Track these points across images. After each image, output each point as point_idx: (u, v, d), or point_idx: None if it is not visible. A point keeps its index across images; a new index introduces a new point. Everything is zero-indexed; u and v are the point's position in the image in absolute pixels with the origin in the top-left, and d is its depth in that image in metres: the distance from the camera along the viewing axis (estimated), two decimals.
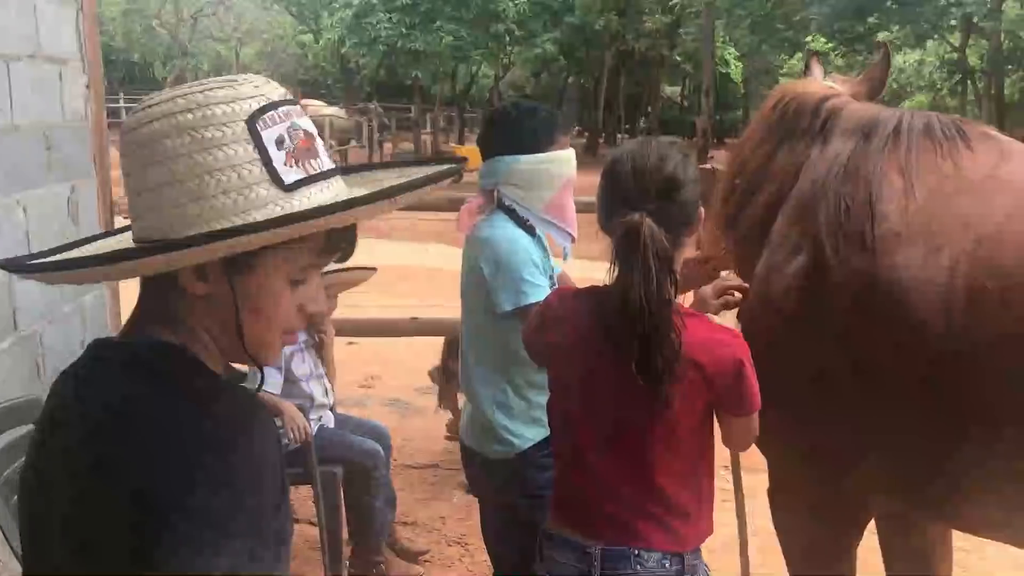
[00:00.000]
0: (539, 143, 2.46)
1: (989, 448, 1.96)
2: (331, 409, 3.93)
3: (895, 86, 37.64)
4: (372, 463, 3.73)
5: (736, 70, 40.41)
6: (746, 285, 2.36)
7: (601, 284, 1.88)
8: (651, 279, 1.73)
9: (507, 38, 27.24)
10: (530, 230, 2.51)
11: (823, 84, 2.64)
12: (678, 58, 34.99)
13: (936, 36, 17.77)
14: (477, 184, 2.57)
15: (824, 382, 2.17)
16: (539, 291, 2.36)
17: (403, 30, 26.83)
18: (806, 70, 2.84)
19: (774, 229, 2.36)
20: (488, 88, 38.53)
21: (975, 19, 16.69)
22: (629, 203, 1.80)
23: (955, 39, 18.56)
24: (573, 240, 2.56)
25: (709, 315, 2.17)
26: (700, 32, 31.84)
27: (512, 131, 2.49)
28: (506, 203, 2.49)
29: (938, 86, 32.04)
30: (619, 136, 42.48)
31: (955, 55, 20.00)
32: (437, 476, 4.96)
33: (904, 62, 31.96)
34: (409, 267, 11.32)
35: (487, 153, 2.53)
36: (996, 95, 17.49)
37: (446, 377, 5.08)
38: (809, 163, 2.38)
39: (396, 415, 5.86)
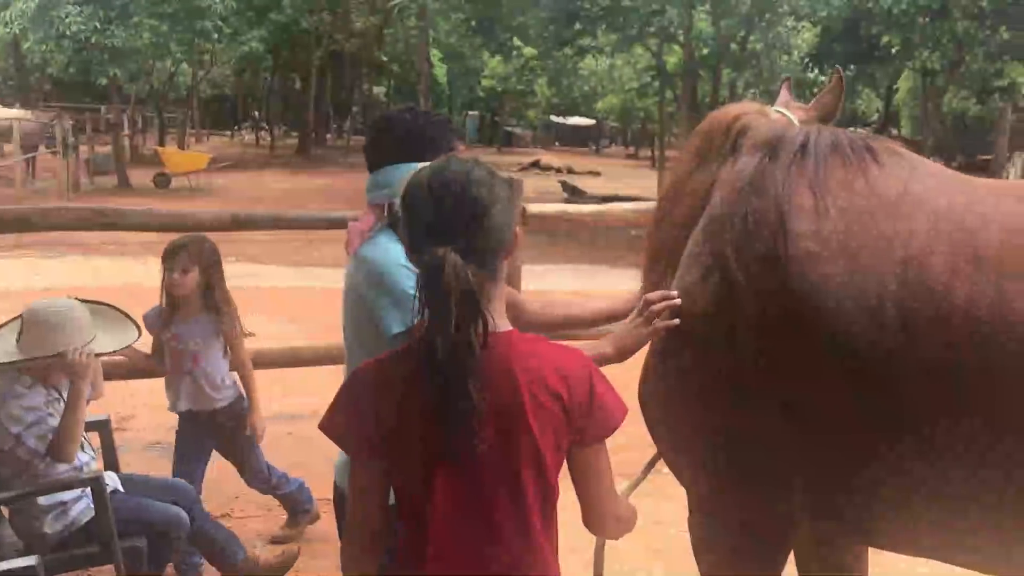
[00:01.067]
0: (439, 149, 2.23)
1: (917, 468, 1.95)
2: (113, 470, 3.71)
3: (586, 88, 40.46)
4: (176, 531, 3.47)
5: (441, 71, 41.28)
6: (673, 293, 2.24)
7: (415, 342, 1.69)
8: (450, 323, 1.58)
9: (215, 35, 25.91)
10: None
11: (749, 105, 2.61)
12: (385, 58, 35.17)
13: (639, 43, 19.28)
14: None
15: (743, 404, 2.11)
16: None
17: (97, 25, 24.69)
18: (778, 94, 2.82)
19: (687, 249, 2.30)
20: (187, 87, 36.63)
21: (672, 28, 18.33)
22: (432, 236, 1.64)
23: (654, 46, 20.25)
24: None
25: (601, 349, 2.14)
26: (406, 33, 32.34)
27: (409, 136, 2.27)
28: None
29: (627, 88, 34.83)
30: (328, 136, 42.15)
31: (653, 61, 21.82)
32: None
33: (598, 66, 34.42)
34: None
35: (378, 162, 2.29)
36: (691, 98, 19.28)
37: None
38: (719, 181, 2.32)
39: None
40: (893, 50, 15.44)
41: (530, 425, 1.66)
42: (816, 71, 18.64)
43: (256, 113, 47.76)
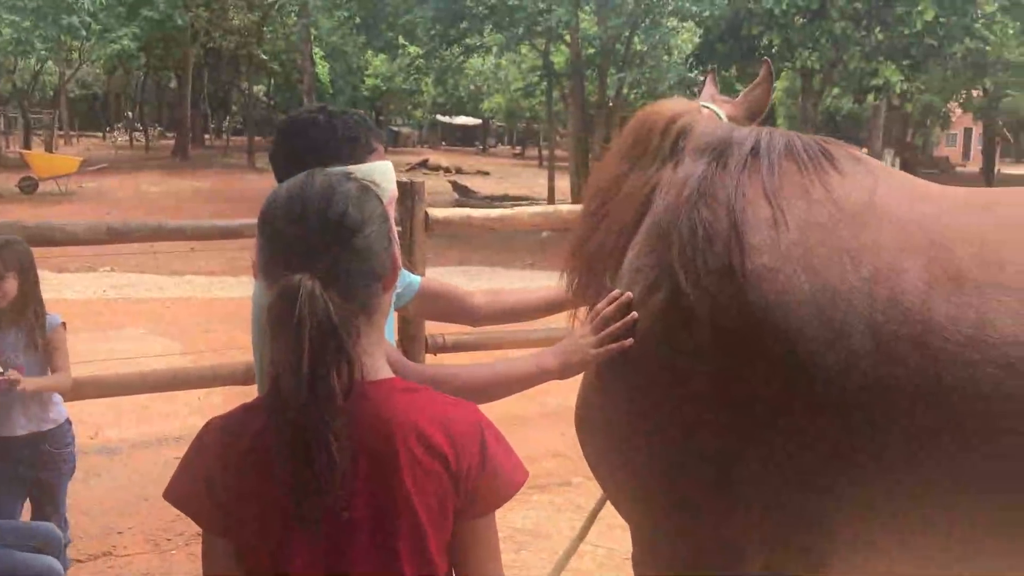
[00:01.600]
0: (358, 152, 2.03)
1: (882, 497, 1.83)
2: None
3: (472, 88, 40.40)
4: None
5: (323, 70, 40.51)
6: (633, 315, 2.03)
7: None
8: (302, 365, 1.29)
9: (83, 32, 24.68)
10: None
11: (683, 103, 2.44)
12: (264, 56, 34.23)
13: (527, 42, 19.26)
14: None
15: (695, 430, 1.93)
16: None
17: None
18: (702, 88, 2.70)
19: (626, 261, 2.13)
20: (54, 87, 34.82)
21: (559, 28, 18.37)
22: (289, 262, 1.36)
23: (541, 46, 20.28)
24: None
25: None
26: (287, 31, 31.54)
27: (326, 139, 2.03)
28: None
29: (512, 87, 34.91)
30: (206, 136, 40.83)
31: (540, 60, 21.86)
32: None
33: (483, 65, 34.38)
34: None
35: (289, 170, 1.83)
36: (578, 98, 19.37)
37: None
38: (661, 187, 2.15)
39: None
40: (774, 50, 15.79)
41: (407, 492, 1.37)
42: (697, 71, 19.00)
43: (129, 113, 45.93)
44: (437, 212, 4.79)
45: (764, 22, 15.30)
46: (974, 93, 29.17)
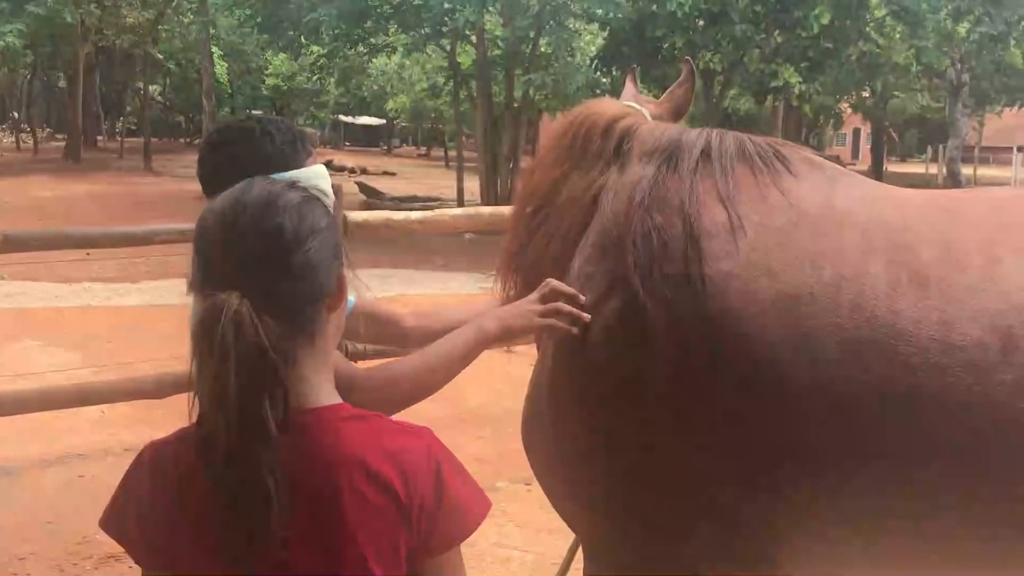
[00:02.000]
0: (298, 157, 1.97)
1: (848, 507, 1.79)
2: None
3: (376, 88, 39.99)
4: None
5: (221, 69, 39.53)
6: (581, 298, 1.98)
7: None
8: (228, 394, 1.18)
9: None
10: None
11: (620, 104, 2.43)
12: (160, 56, 33.21)
13: (432, 42, 19.14)
14: None
15: (651, 441, 1.88)
16: None
17: None
18: (623, 87, 2.65)
19: (574, 268, 2.07)
20: None
21: (465, 28, 18.32)
22: (218, 278, 1.25)
23: (447, 46, 20.19)
24: None
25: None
26: (183, 29, 30.66)
27: (264, 147, 1.97)
28: None
29: (417, 88, 34.70)
30: (99, 138, 39.35)
31: (446, 60, 21.76)
32: None
33: (387, 65, 34.06)
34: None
35: (228, 177, 1.72)
36: (484, 98, 19.36)
37: None
38: (607, 191, 2.11)
39: None
40: (676, 52, 16.08)
41: (352, 531, 1.25)
42: (601, 72, 19.19)
43: (15, 114, 43.91)
44: (356, 216, 4.68)
45: (667, 25, 15.55)
46: (864, 94, 30.33)
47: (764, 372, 1.77)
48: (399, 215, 4.90)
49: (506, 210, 5.05)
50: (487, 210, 5.07)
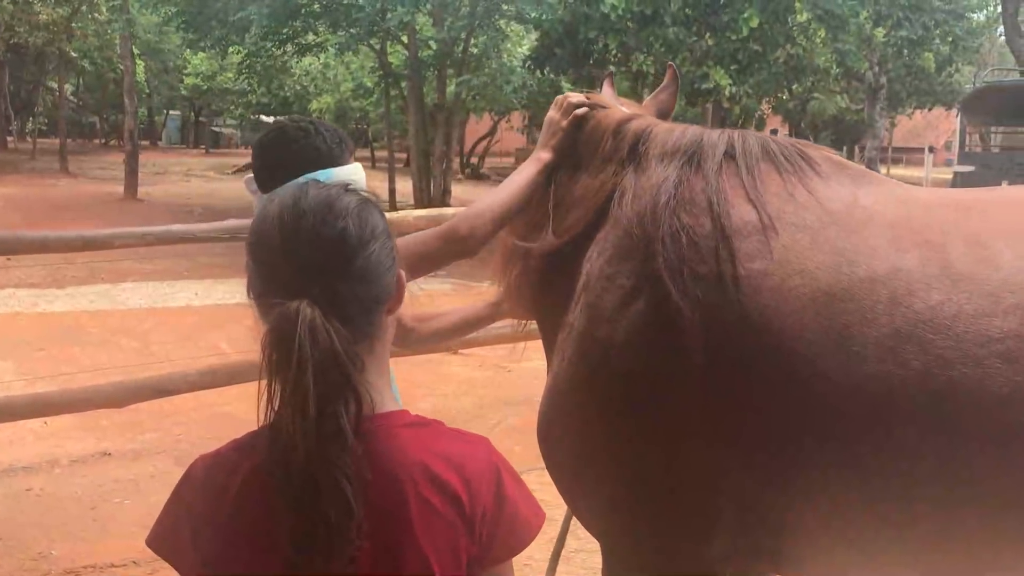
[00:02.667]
0: (344, 156, 2.21)
1: (885, 505, 1.80)
2: None
3: (298, 88, 39.35)
4: None
5: (138, 68, 38.49)
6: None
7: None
8: (308, 404, 1.18)
9: None
10: None
11: (617, 105, 2.45)
12: (75, 54, 32.15)
13: (363, 42, 18.93)
14: None
15: (680, 441, 1.89)
16: None
17: None
18: (601, 89, 2.63)
19: (592, 269, 2.08)
20: None
21: (398, 29, 18.19)
22: (284, 286, 1.25)
23: (377, 45, 20.00)
24: None
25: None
26: (99, 27, 29.70)
27: (318, 145, 2.18)
28: None
29: (342, 88, 34.26)
30: (9, 139, 37.86)
31: (375, 60, 21.56)
32: None
33: (311, 65, 33.55)
34: None
35: (288, 171, 2.05)
36: (416, 99, 19.25)
37: None
38: (624, 192, 2.12)
39: None
40: (609, 54, 16.21)
41: (417, 540, 1.24)
42: (533, 73, 19.24)
43: None
44: None
45: (600, 26, 15.65)
46: (783, 96, 31.06)
47: (802, 370, 1.78)
48: None
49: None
50: (450, 211, 5.02)
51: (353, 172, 2.18)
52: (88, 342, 8.45)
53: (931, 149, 22.77)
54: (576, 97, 2.35)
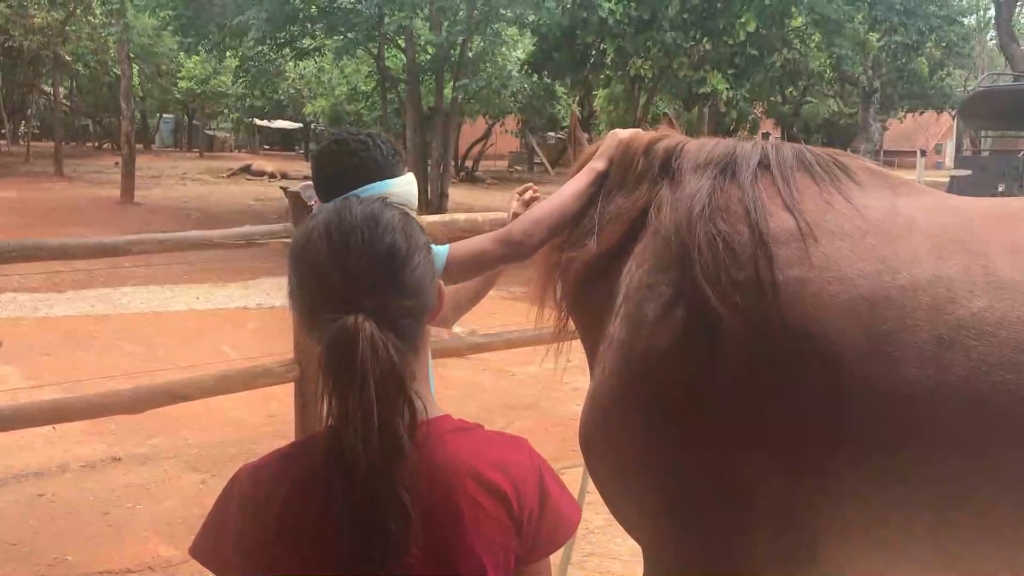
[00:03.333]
0: (400, 167, 2.34)
1: (917, 499, 1.82)
2: None
3: (293, 91, 39.40)
4: None
5: (133, 71, 38.44)
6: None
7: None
8: (372, 416, 1.21)
9: None
10: None
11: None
12: (69, 58, 32.07)
13: (361, 46, 18.95)
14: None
15: (721, 447, 1.92)
16: None
17: None
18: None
19: (632, 280, 2.12)
20: None
21: (396, 34, 18.21)
22: (336, 301, 1.27)
23: (375, 49, 20.03)
24: None
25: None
26: (93, 30, 29.66)
27: (378, 157, 2.30)
28: None
29: (337, 91, 34.32)
30: (2, 142, 37.76)
31: (370, 64, 21.58)
32: None
33: (305, 69, 33.59)
34: None
35: (350, 181, 2.21)
36: (414, 103, 19.27)
37: None
38: (662, 205, 2.16)
39: None
40: (607, 59, 16.28)
41: (470, 542, 1.27)
42: (535, 78, 19.28)
43: None
44: None
45: (598, 31, 15.72)
46: (777, 100, 31.20)
47: (843, 376, 1.79)
48: None
49: (480, 217, 5.02)
50: (462, 217, 5.04)
51: (408, 183, 2.31)
52: (92, 347, 8.45)
53: (923, 152, 22.90)
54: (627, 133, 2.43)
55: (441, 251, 2.32)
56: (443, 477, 1.28)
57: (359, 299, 1.26)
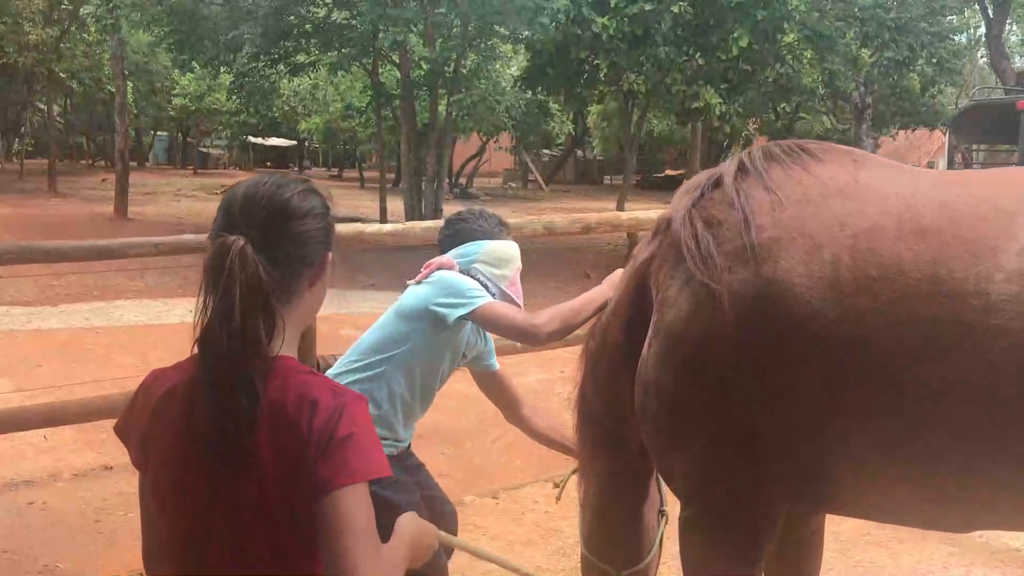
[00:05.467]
0: (501, 234, 3.20)
1: (877, 431, 2.14)
2: None
3: (286, 108, 39.41)
4: None
5: (129, 88, 38.49)
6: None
7: None
8: (234, 312, 1.50)
9: None
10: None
11: None
12: (63, 75, 32.10)
13: (355, 62, 19.00)
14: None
15: (731, 402, 2.27)
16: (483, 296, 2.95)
17: None
18: None
19: (658, 281, 2.48)
20: None
21: (391, 49, 18.28)
22: (226, 226, 1.60)
23: (369, 65, 20.07)
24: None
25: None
26: (88, 48, 29.74)
27: (483, 225, 3.19)
28: (479, 278, 3.07)
29: (331, 108, 34.36)
30: None
31: (365, 80, 21.62)
32: None
33: (299, 86, 33.63)
34: None
35: (462, 239, 3.17)
36: (408, 119, 19.31)
37: None
38: (666, 219, 2.56)
39: None
40: (601, 74, 16.35)
41: (262, 460, 1.54)
42: (529, 93, 19.34)
43: None
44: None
45: (591, 47, 15.81)
46: (770, 116, 31.35)
47: (803, 316, 2.17)
48: (371, 227, 4.85)
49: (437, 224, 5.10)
50: (420, 225, 5.08)
51: (506, 244, 3.18)
52: (87, 359, 8.42)
53: None
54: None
55: (479, 300, 2.92)
56: (280, 385, 1.56)
57: (246, 228, 1.58)
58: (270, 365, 1.56)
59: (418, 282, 3.06)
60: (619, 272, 2.80)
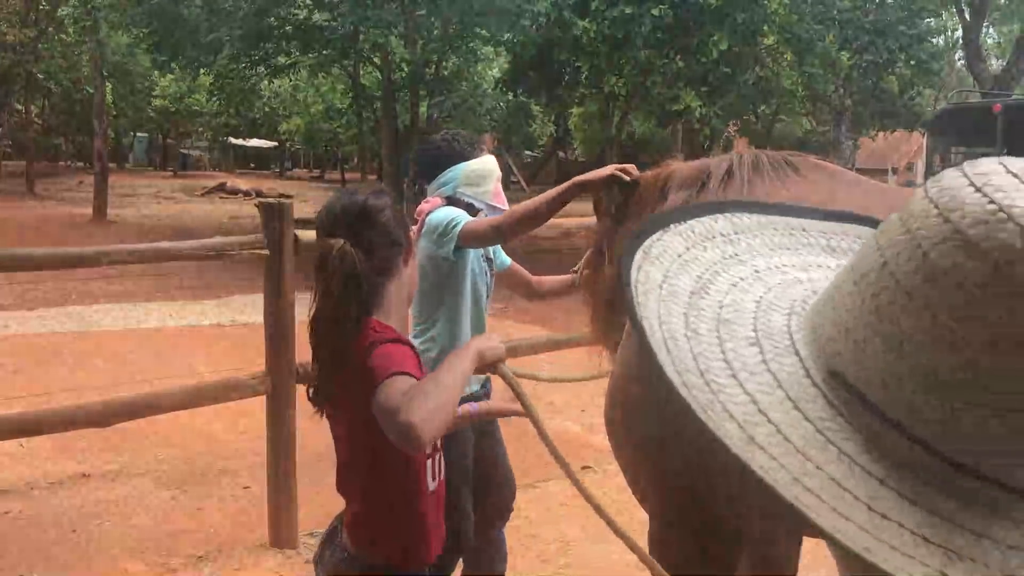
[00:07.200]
0: (475, 152, 3.35)
1: None
2: None
3: (267, 109, 39.31)
4: None
5: (106, 89, 38.22)
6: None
7: None
8: (334, 297, 1.93)
9: None
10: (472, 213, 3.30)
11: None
12: (41, 76, 31.84)
13: (336, 63, 18.93)
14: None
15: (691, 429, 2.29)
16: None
17: None
18: None
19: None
20: None
21: (372, 52, 18.23)
22: (329, 233, 2.03)
23: (350, 67, 20.01)
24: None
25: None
26: (66, 49, 29.51)
27: (456, 147, 3.35)
28: (464, 200, 3.29)
29: (312, 110, 34.30)
30: None
31: (348, 82, 21.56)
32: None
33: (280, 87, 33.54)
34: None
35: (442, 163, 3.34)
36: (389, 119, 19.28)
37: None
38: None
39: None
40: (582, 77, 16.37)
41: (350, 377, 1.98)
42: (510, 95, 19.35)
43: None
44: (304, 234, 4.57)
45: (572, 49, 15.83)
46: (749, 118, 31.48)
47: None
48: None
49: None
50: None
51: (482, 162, 3.34)
52: (64, 364, 8.34)
53: (894, 170, 23.19)
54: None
55: (505, 260, 3.56)
56: (360, 341, 1.98)
57: (341, 231, 2.01)
58: (360, 328, 1.98)
59: (418, 235, 3.22)
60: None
